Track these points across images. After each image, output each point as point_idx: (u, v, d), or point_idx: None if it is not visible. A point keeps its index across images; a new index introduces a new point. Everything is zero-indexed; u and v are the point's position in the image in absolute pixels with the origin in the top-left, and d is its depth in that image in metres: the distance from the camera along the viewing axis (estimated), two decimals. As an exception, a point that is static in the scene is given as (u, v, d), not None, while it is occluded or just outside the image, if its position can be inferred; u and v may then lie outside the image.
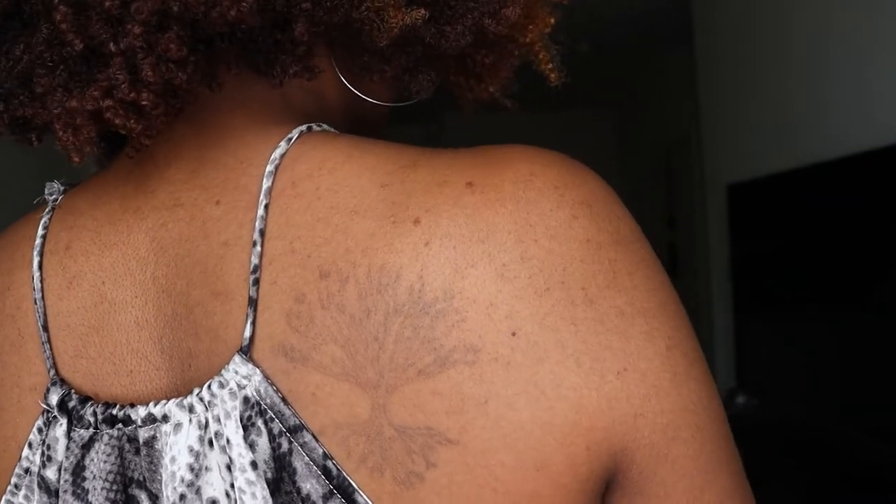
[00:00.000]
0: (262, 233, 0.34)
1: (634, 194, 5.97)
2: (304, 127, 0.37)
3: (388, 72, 0.42)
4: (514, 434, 0.30)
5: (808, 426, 2.15)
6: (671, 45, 3.98)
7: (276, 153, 0.36)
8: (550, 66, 0.48)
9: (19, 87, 0.36)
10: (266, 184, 0.35)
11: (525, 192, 0.32)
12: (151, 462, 0.34)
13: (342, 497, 0.31)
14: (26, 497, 0.37)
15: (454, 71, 0.48)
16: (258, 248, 0.33)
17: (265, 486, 0.32)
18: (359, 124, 0.46)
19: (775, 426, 2.34)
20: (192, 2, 0.32)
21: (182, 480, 0.33)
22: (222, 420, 0.33)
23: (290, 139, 0.36)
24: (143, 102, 0.34)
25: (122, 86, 0.33)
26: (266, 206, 0.34)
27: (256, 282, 0.33)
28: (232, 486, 0.33)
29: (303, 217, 0.34)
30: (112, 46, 0.33)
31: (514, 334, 0.30)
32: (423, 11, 0.37)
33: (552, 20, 0.47)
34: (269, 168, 0.35)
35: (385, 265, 0.32)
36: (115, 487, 0.35)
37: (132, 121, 0.34)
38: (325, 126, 0.38)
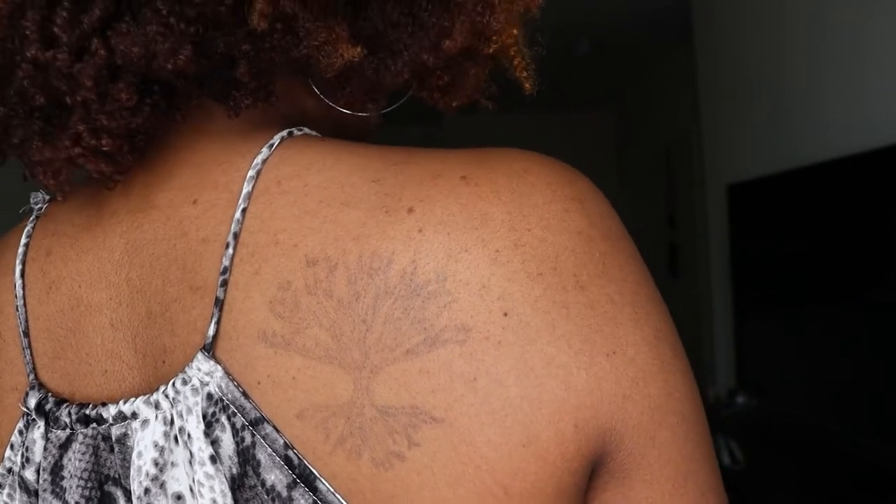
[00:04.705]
0: (236, 236, 0.35)
1: (634, 194, 5.97)
2: (284, 132, 0.38)
3: (343, 98, 0.43)
4: (503, 410, 0.31)
5: (808, 426, 2.15)
6: (671, 46, 3.99)
7: (258, 158, 0.37)
8: (525, 73, 0.46)
9: (2, 135, 0.38)
10: (246, 188, 0.36)
11: (519, 185, 0.33)
12: (124, 459, 0.35)
13: (305, 485, 0.32)
14: (9, 496, 0.39)
15: (416, 88, 0.48)
16: (230, 250, 0.35)
17: (223, 479, 0.33)
18: (343, 130, 0.47)
19: (775, 426, 2.34)
20: (133, 58, 0.34)
21: (147, 475, 0.34)
22: (184, 415, 0.34)
23: (272, 145, 0.37)
24: (105, 148, 0.36)
25: (84, 134, 0.35)
26: (244, 210, 0.35)
27: (224, 283, 0.34)
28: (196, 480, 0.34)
29: (288, 211, 0.35)
30: (69, 100, 0.35)
31: (505, 314, 0.31)
32: (359, 49, 0.38)
33: (515, 31, 0.45)
34: (251, 172, 0.36)
35: (377, 251, 0.32)
36: (89, 485, 0.36)
37: (102, 164, 0.36)
38: (306, 130, 0.40)
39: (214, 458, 0.33)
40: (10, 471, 0.39)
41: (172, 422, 0.34)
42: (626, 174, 5.45)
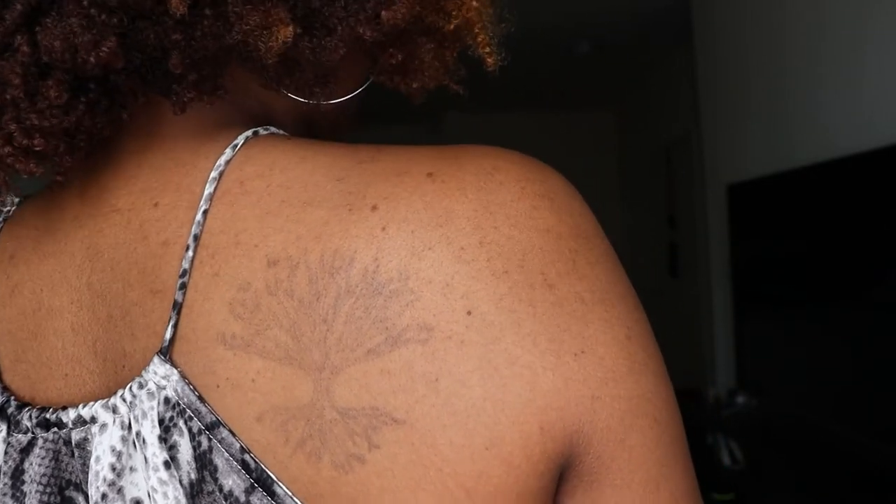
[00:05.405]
0: (197, 237, 0.34)
1: (634, 194, 5.96)
2: (249, 132, 0.37)
3: (291, 84, 0.42)
4: (465, 412, 0.30)
5: (807, 426, 2.15)
6: (671, 46, 3.99)
7: (221, 159, 0.36)
8: (488, 49, 0.44)
9: None
10: (208, 189, 0.35)
11: (486, 183, 0.33)
12: (84, 464, 0.35)
13: (263, 489, 0.31)
14: None
15: (373, 71, 0.46)
16: (190, 252, 0.34)
17: (178, 486, 0.32)
18: (314, 128, 0.46)
19: (775, 426, 2.34)
20: (56, 53, 0.33)
21: (104, 480, 0.34)
22: (139, 420, 0.33)
23: (236, 146, 0.37)
24: (38, 148, 0.35)
25: (16, 134, 0.34)
26: (205, 212, 0.35)
27: (183, 286, 0.34)
28: None
29: (251, 211, 0.34)
30: None
31: (469, 313, 0.30)
32: (290, 28, 0.36)
33: (475, 4, 0.43)
34: (213, 174, 0.35)
35: (339, 249, 0.32)
36: (48, 490, 0.36)
37: (32, 165, 0.35)
38: (272, 129, 0.39)
39: (169, 464, 0.32)
40: None
41: (130, 426, 0.34)
42: (626, 174, 5.45)
